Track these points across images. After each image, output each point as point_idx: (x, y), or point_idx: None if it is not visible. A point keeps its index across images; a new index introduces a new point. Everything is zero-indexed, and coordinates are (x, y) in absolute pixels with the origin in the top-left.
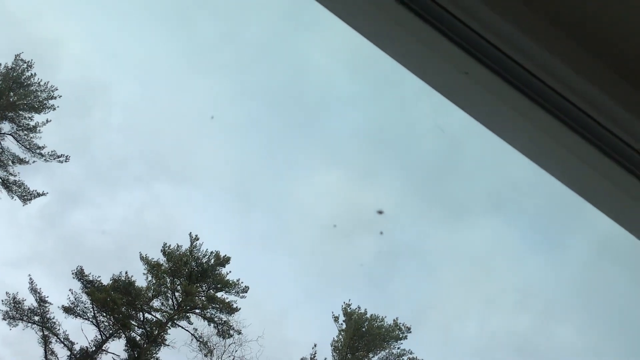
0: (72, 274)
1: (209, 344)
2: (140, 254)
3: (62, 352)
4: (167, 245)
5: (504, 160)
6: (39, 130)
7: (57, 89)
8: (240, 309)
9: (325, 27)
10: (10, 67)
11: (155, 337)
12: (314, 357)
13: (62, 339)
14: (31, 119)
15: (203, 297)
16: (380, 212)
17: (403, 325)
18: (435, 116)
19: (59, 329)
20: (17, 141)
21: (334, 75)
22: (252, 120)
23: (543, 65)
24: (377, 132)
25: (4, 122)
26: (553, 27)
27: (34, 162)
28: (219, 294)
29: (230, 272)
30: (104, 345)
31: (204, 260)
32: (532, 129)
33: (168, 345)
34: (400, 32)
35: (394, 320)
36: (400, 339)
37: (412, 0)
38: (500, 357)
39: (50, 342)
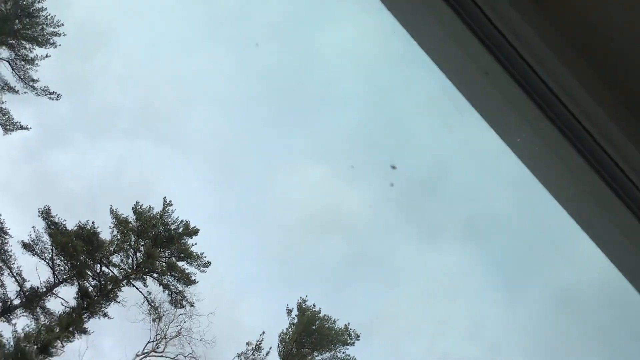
0: (39, 212)
1: (159, 309)
2: (111, 207)
3: (11, 287)
4: (140, 204)
5: (490, 190)
6: (37, 63)
7: (63, 25)
8: (198, 282)
9: (346, 21)
10: None
11: (107, 292)
12: (260, 343)
13: (14, 274)
14: (31, 51)
15: (164, 263)
16: (393, 167)
17: (353, 331)
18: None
19: (13, 263)
20: (13, 69)
21: (342, 71)
22: (251, 100)
23: (561, 84)
24: (372, 135)
25: (4, 48)
26: (575, 51)
27: (24, 93)
28: (180, 263)
29: (196, 244)
30: (55, 289)
31: (173, 227)
32: (540, 143)
33: (119, 302)
34: (435, 23)
35: (345, 324)
36: (348, 344)
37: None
38: None
39: (2, 273)
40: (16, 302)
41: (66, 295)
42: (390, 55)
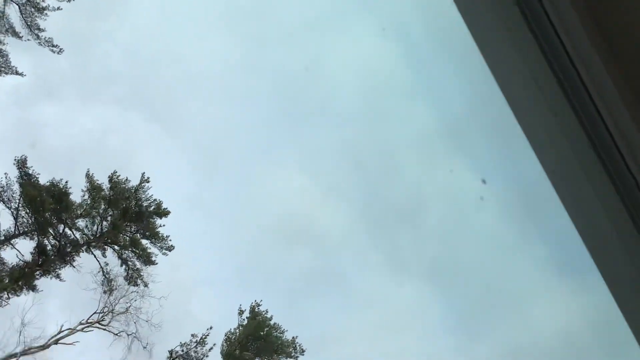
0: (15, 160)
1: (113, 283)
2: (88, 171)
3: None
4: (117, 174)
5: (462, 238)
6: (47, 13)
7: None
8: (157, 263)
9: (362, 39)
10: None
11: (65, 254)
12: (205, 337)
13: None
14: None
15: (127, 237)
16: (484, 182)
17: (299, 346)
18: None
19: None
20: (21, 13)
21: (345, 86)
22: (250, 98)
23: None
24: (360, 156)
25: None
26: None
27: (27, 40)
28: (143, 241)
29: (164, 225)
30: (13, 240)
31: (145, 204)
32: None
33: (74, 267)
34: (506, 36)
35: (293, 337)
36: (291, 358)
37: (527, 5)
38: None
39: None
40: None
41: (23, 249)
42: (397, 83)
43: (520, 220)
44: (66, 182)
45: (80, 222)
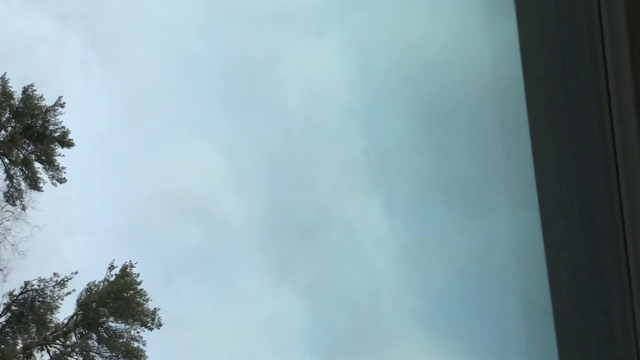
0: None
1: None
2: (4, 76)
3: None
4: (33, 88)
5: (356, 262)
6: None
7: None
8: (43, 191)
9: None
10: None
11: None
12: (66, 280)
13: None
14: None
15: (21, 155)
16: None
17: (159, 319)
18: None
19: None
20: None
21: (307, 92)
22: (204, 63)
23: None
24: (290, 159)
25: None
26: None
27: None
28: (37, 165)
29: (63, 155)
30: None
31: (51, 128)
32: None
33: None
34: None
35: (155, 308)
36: (147, 328)
37: None
38: None
39: None
40: None
41: None
42: (348, 99)
43: (408, 267)
44: None
45: None
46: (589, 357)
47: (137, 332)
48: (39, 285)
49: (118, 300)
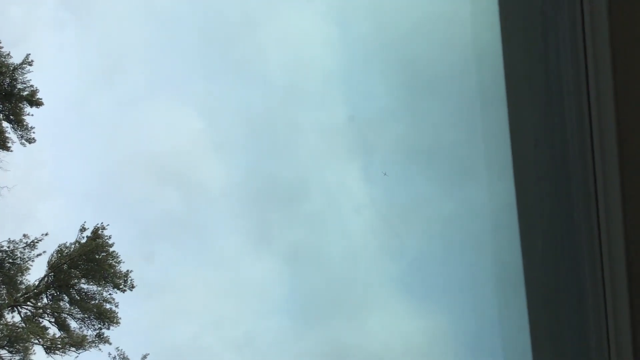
0: None
1: None
2: None
3: None
4: (0, 47)
5: (334, 228)
6: None
7: None
8: (12, 151)
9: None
10: None
11: None
12: (37, 241)
13: None
14: None
15: None
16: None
17: (131, 281)
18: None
19: None
20: None
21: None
22: (185, 28)
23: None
24: (272, 126)
25: None
26: None
27: None
28: (4, 124)
29: (32, 115)
30: None
31: (19, 86)
32: None
33: None
34: None
35: (127, 270)
36: (120, 289)
37: None
38: None
39: None
40: None
41: None
42: (333, 73)
43: (388, 235)
44: None
45: None
46: (559, 320)
47: (110, 294)
48: (8, 247)
49: (90, 262)
